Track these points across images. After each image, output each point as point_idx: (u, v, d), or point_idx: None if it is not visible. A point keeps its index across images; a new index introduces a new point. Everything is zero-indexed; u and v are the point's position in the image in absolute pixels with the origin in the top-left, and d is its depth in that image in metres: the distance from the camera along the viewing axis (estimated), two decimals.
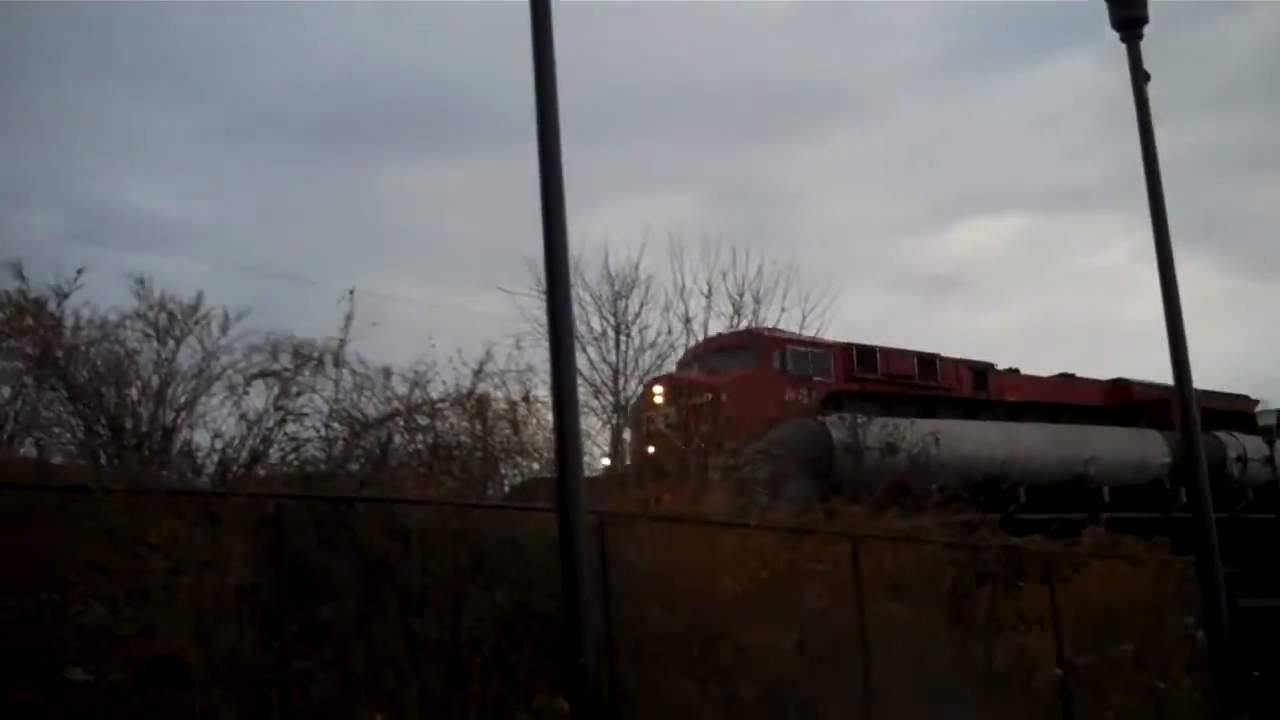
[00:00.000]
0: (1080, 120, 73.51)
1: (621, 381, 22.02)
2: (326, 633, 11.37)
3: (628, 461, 20.80)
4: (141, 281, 18.00)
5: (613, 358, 22.05)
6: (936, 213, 74.18)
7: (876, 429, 24.86)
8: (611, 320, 22.75)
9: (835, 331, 27.48)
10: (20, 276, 14.53)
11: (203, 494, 11.82)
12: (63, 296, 14.74)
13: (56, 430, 14.04)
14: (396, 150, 63.86)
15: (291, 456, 15.29)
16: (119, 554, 11.03)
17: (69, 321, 14.78)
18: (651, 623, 13.07)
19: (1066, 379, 34.38)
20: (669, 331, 23.65)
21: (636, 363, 22.32)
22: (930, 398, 30.30)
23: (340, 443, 14.98)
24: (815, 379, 28.60)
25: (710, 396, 25.35)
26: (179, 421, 14.74)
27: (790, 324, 24.73)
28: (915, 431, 25.07)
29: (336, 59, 59.09)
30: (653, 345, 23.14)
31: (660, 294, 23.62)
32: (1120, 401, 34.41)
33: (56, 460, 13.12)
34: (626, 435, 21.29)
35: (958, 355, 31.64)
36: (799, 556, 15.15)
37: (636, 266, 22.76)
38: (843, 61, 66.21)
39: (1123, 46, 14.29)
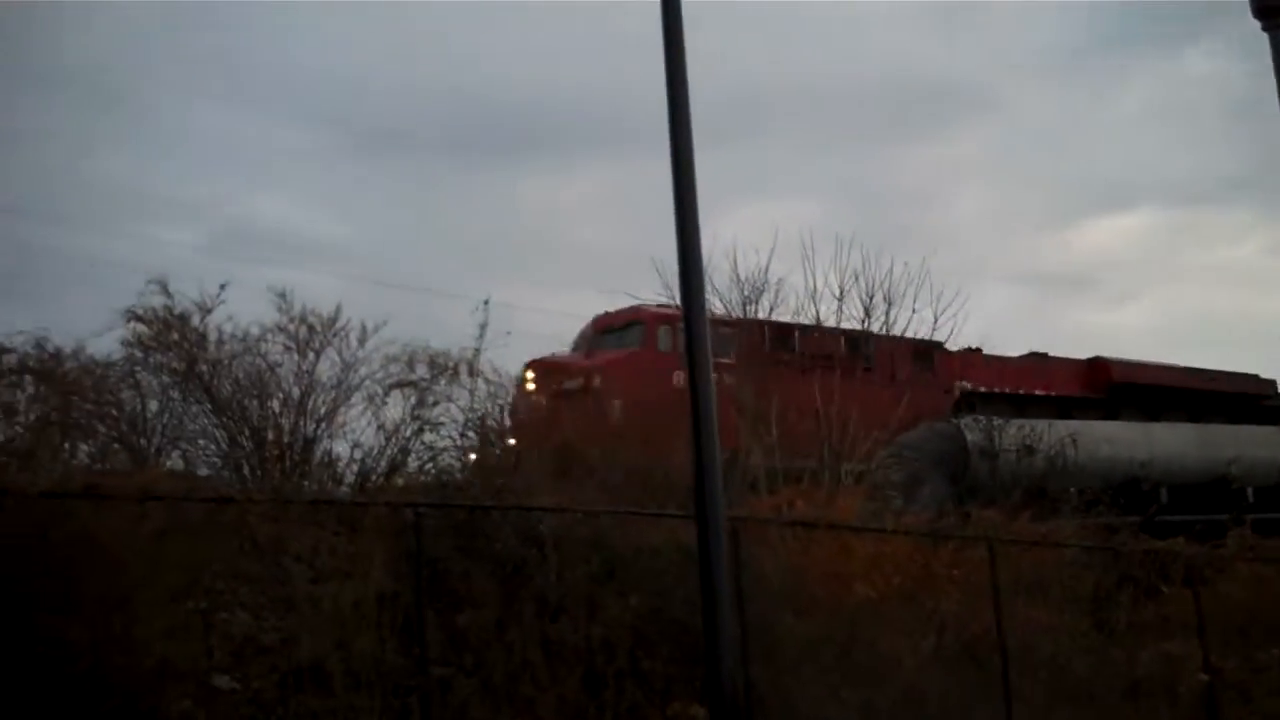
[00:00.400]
0: (1210, 113, 71.58)
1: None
2: (465, 639, 11.54)
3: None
4: (283, 295, 18.51)
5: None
6: (1063, 209, 72.88)
7: (1013, 431, 24.45)
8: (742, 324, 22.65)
9: (966, 333, 25.91)
10: (166, 293, 15.00)
11: (343, 503, 12.06)
12: (206, 311, 15.19)
13: (201, 442, 14.45)
14: (526, 161, 64.50)
15: (429, 465, 15.58)
16: (263, 563, 11.33)
17: (212, 336, 15.25)
18: (785, 628, 13.04)
19: (1038, 359, 30.95)
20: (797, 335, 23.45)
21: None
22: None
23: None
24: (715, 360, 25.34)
25: (581, 381, 23.51)
26: (319, 432, 15.10)
27: (921, 327, 24.11)
28: (1052, 433, 24.64)
29: (466, 74, 59.78)
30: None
31: (790, 297, 23.34)
32: (1099, 383, 31.29)
33: (202, 472, 13.48)
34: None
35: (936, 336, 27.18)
36: (934, 561, 14.98)
37: (765, 270, 22.55)
38: (966, 57, 65.32)
39: (1260, 36, 13.87)
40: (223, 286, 15.88)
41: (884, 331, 24.72)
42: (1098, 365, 31.28)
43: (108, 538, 9.59)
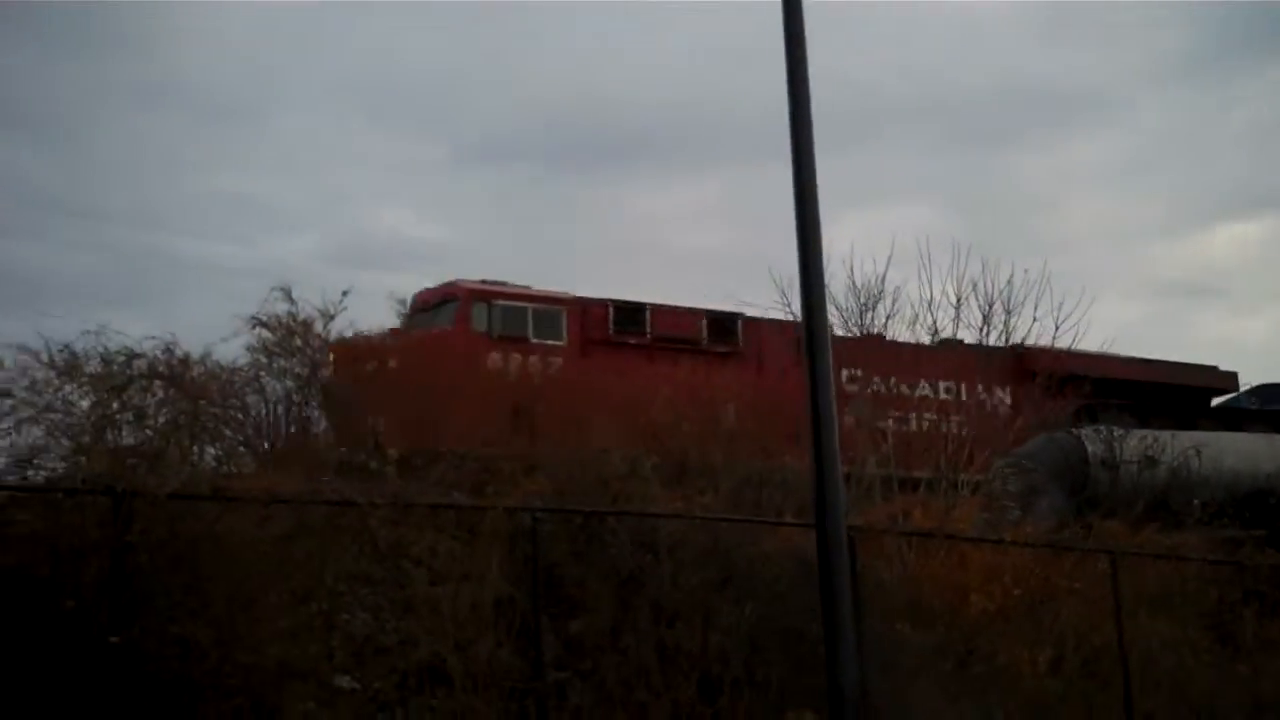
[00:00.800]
0: None
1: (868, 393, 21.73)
2: (580, 644, 11.61)
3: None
4: (402, 302, 18.82)
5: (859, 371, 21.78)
6: (1186, 216, 71.25)
7: (1134, 442, 23.95)
8: (858, 334, 22.37)
9: (1087, 343, 24.78)
10: (289, 299, 15.32)
11: (462, 508, 12.19)
12: (329, 318, 15.49)
13: (323, 448, 14.69)
14: (635, 169, 64.73)
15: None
16: (383, 566, 11.50)
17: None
18: (901, 638, 12.93)
19: (949, 345, 25.99)
20: (917, 343, 23.10)
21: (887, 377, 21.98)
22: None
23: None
24: (538, 341, 23.56)
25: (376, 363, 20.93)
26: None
27: (1042, 336, 23.58)
28: (1175, 444, 24.10)
29: (573, 82, 60.23)
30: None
31: (907, 306, 22.97)
32: (1024, 374, 26.12)
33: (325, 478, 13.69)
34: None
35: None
36: (1054, 573, 14.74)
37: (882, 279, 22.29)
38: (1086, 62, 64.28)
39: None
40: (344, 294, 16.21)
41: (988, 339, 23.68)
42: (1024, 355, 26.89)
43: (233, 539, 9.80)
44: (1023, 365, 26.10)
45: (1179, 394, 30.51)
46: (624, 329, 24.08)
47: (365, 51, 56.97)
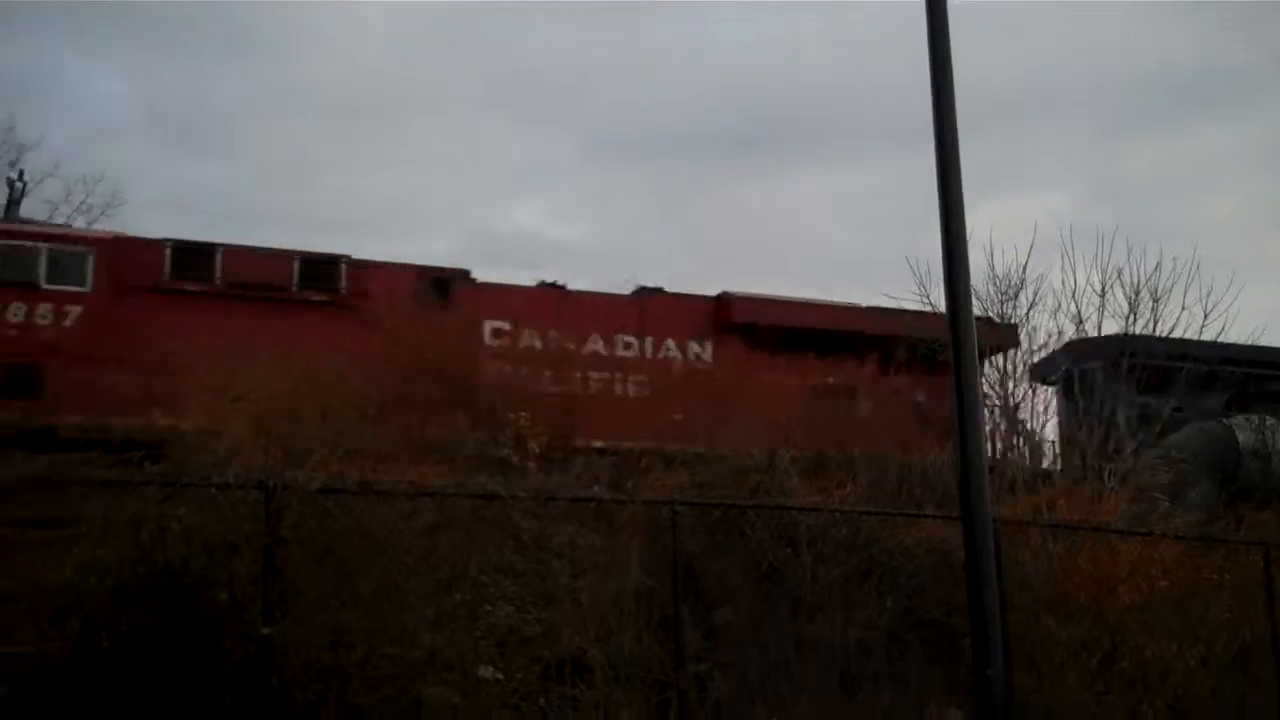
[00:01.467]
0: None
1: (1010, 385, 21.31)
2: (720, 636, 11.63)
3: None
4: None
5: (999, 361, 21.37)
6: None
7: None
8: (1000, 322, 21.96)
9: (1234, 333, 23.53)
10: None
11: (602, 501, 12.28)
12: None
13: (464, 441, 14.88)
14: (775, 161, 64.42)
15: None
16: (525, 558, 11.64)
17: None
18: (1046, 632, 12.73)
19: (647, 293, 23.15)
20: (1059, 333, 22.55)
21: (1024, 366, 21.51)
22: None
23: None
24: (51, 288, 19.16)
25: None
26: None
27: (1190, 326, 22.82)
28: None
29: (713, 76, 60.11)
30: (1043, 347, 22.16)
31: (1049, 294, 22.45)
32: (722, 322, 23.02)
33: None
34: None
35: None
36: (1204, 566, 14.40)
37: (1024, 267, 21.84)
38: (1228, 43, 62.42)
39: None
40: None
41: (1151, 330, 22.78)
42: (722, 303, 23.77)
43: (381, 532, 9.99)
44: (720, 314, 23.41)
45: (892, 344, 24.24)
46: (185, 274, 20.21)
47: (502, 50, 57.47)
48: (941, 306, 11.00)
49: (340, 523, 9.94)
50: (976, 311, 21.20)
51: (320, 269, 20.95)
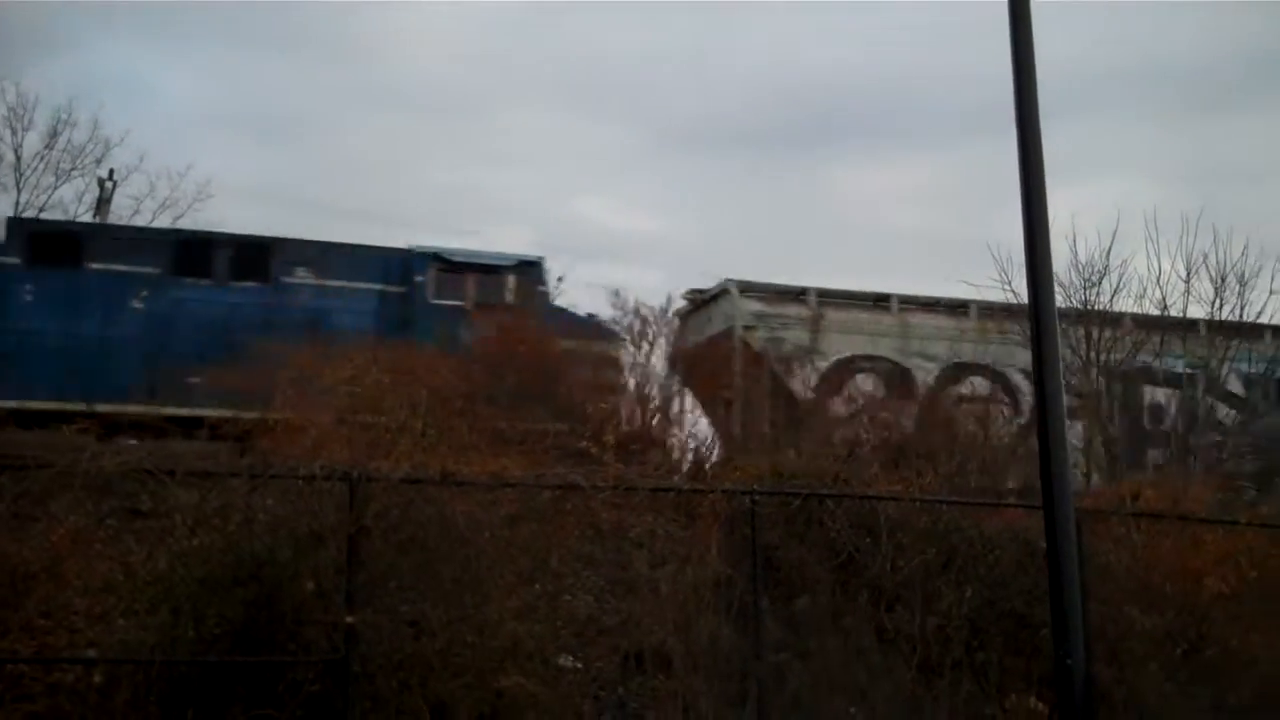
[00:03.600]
0: None
1: (1093, 373, 21.10)
2: (799, 626, 11.65)
3: None
4: (616, 292, 19.19)
5: (1083, 349, 21.15)
6: None
7: None
8: (1083, 310, 21.75)
9: None
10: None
11: (682, 490, 12.34)
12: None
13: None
14: (840, 150, 64.05)
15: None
16: (604, 548, 11.74)
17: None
18: (1129, 622, 12.60)
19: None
20: (1145, 318, 22.30)
21: (1109, 354, 21.27)
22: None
23: None
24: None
25: None
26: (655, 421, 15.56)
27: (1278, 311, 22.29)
28: None
29: (776, 63, 59.87)
30: (1129, 334, 21.94)
31: (1133, 280, 22.18)
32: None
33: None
34: None
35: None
36: None
37: (1107, 253, 21.62)
38: None
39: None
40: (559, 279, 16.57)
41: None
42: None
43: (463, 522, 10.11)
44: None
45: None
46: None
47: (572, 45, 57.53)
48: (1023, 293, 10.89)
49: (423, 513, 10.07)
50: (1059, 300, 21.14)
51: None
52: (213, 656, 9.15)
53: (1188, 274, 22.05)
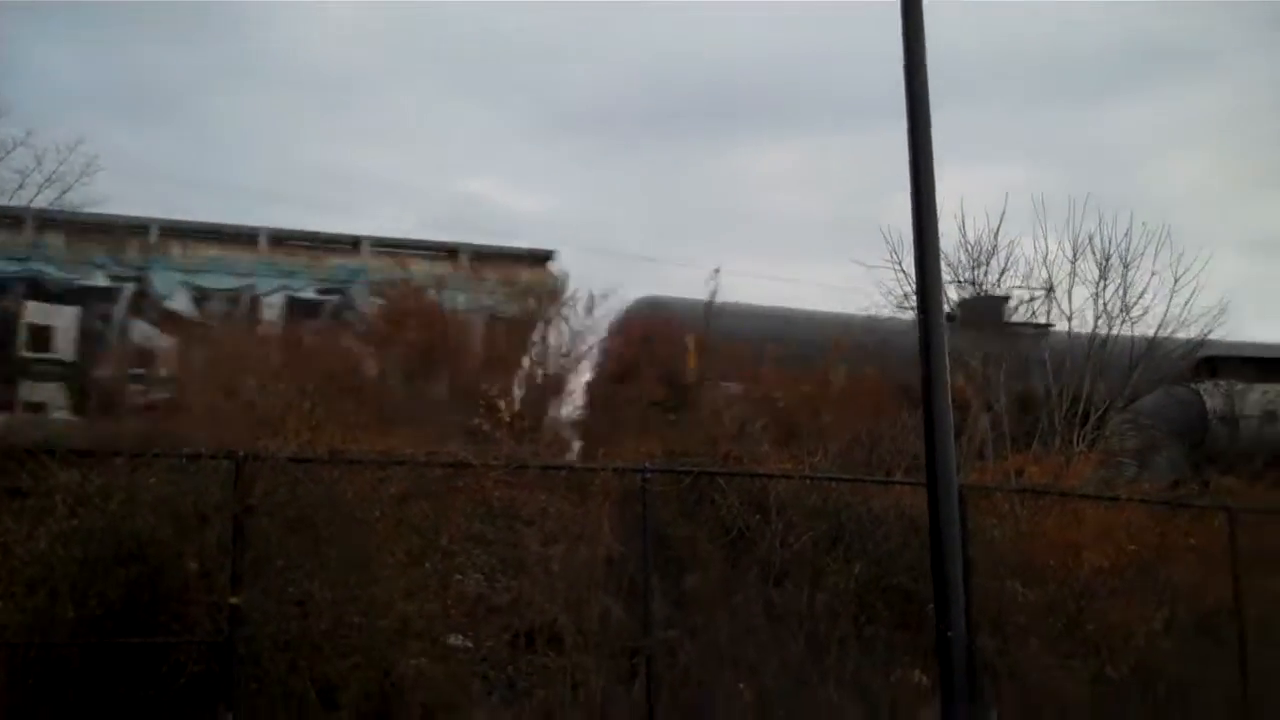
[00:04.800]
0: None
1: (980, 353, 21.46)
2: (689, 603, 11.72)
3: None
4: None
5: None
6: None
7: (1255, 396, 23.49)
8: (970, 290, 22.08)
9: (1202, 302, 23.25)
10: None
11: (573, 468, 12.33)
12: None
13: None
14: (731, 133, 64.19)
15: None
16: (496, 526, 11.71)
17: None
18: (1012, 596, 12.86)
19: None
20: (1030, 299, 22.72)
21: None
22: None
23: None
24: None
25: None
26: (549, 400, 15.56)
27: (1159, 292, 22.71)
28: None
29: (672, 45, 59.87)
30: (1014, 313, 22.35)
31: (1020, 261, 22.51)
32: None
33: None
34: None
35: None
36: (1169, 530, 14.53)
37: (995, 233, 21.94)
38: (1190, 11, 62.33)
39: None
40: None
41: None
42: None
43: (352, 501, 10.03)
44: None
45: None
46: None
47: (458, 22, 57.01)
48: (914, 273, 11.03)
49: (311, 492, 9.98)
50: (947, 277, 21.47)
51: None
52: (93, 638, 8.99)
53: (1074, 255, 22.43)
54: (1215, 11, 58.68)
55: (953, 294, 21.82)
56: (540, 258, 20.92)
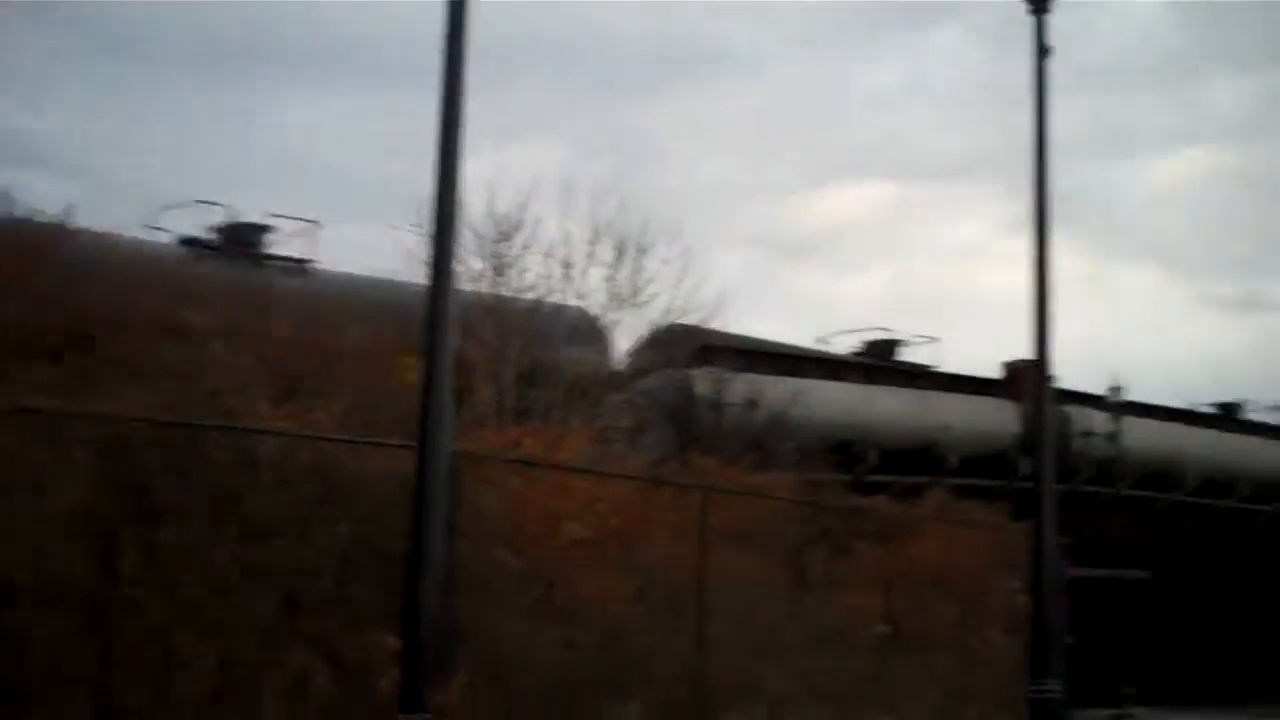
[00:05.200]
0: (950, 94, 74.49)
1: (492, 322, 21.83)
2: (165, 559, 11.24)
3: None
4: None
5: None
6: (805, 177, 74.65)
7: (740, 384, 25.06)
8: (492, 261, 22.42)
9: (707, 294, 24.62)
10: None
11: (46, 413, 11.42)
12: None
13: None
14: (282, 82, 62.48)
15: None
16: None
17: None
18: (497, 564, 13.11)
19: None
20: (549, 276, 23.33)
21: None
22: None
23: None
24: None
25: None
26: None
27: (667, 279, 23.84)
28: (778, 389, 25.38)
29: None
30: (531, 288, 22.85)
31: (544, 239, 23.09)
32: None
33: None
34: None
35: None
36: (651, 506, 15.26)
37: (522, 208, 22.36)
38: (720, 17, 66.01)
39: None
40: None
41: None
42: None
43: None
44: None
45: None
46: None
47: None
48: None
49: None
50: (470, 248, 21.68)
51: None
52: None
53: (593, 239, 23.18)
54: (758, 20, 62.23)
55: (476, 264, 22.03)
56: None
